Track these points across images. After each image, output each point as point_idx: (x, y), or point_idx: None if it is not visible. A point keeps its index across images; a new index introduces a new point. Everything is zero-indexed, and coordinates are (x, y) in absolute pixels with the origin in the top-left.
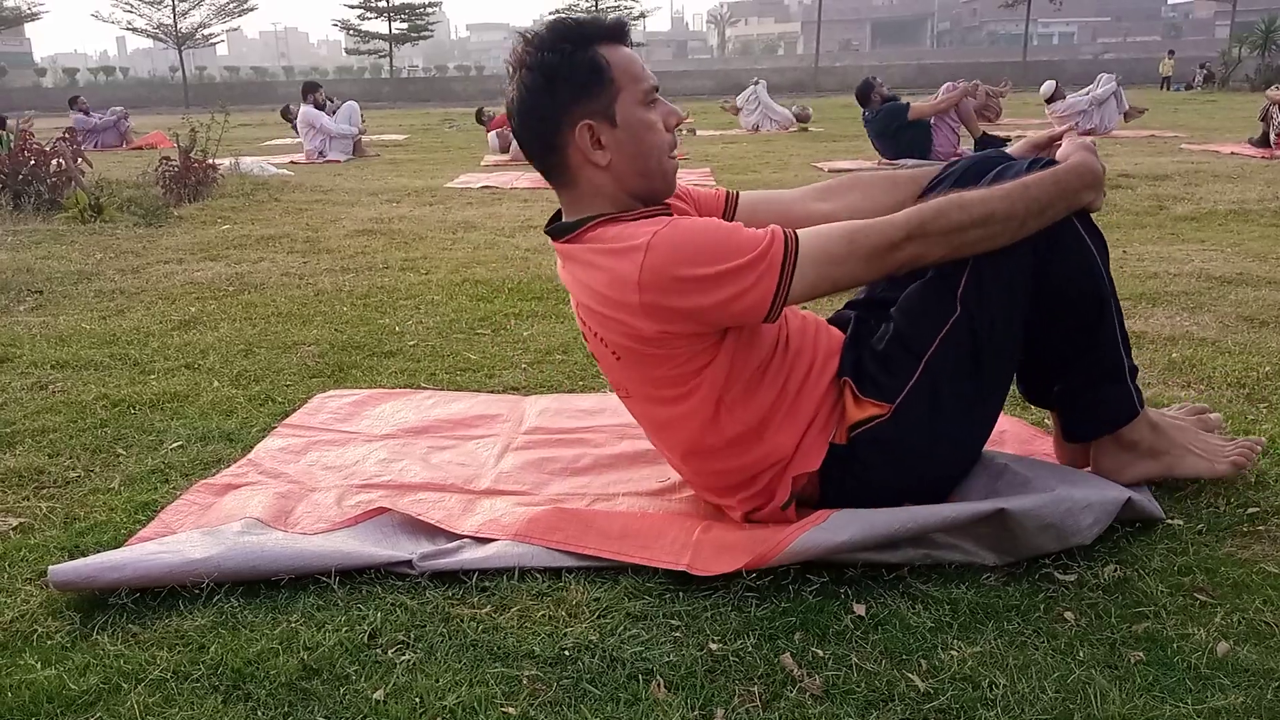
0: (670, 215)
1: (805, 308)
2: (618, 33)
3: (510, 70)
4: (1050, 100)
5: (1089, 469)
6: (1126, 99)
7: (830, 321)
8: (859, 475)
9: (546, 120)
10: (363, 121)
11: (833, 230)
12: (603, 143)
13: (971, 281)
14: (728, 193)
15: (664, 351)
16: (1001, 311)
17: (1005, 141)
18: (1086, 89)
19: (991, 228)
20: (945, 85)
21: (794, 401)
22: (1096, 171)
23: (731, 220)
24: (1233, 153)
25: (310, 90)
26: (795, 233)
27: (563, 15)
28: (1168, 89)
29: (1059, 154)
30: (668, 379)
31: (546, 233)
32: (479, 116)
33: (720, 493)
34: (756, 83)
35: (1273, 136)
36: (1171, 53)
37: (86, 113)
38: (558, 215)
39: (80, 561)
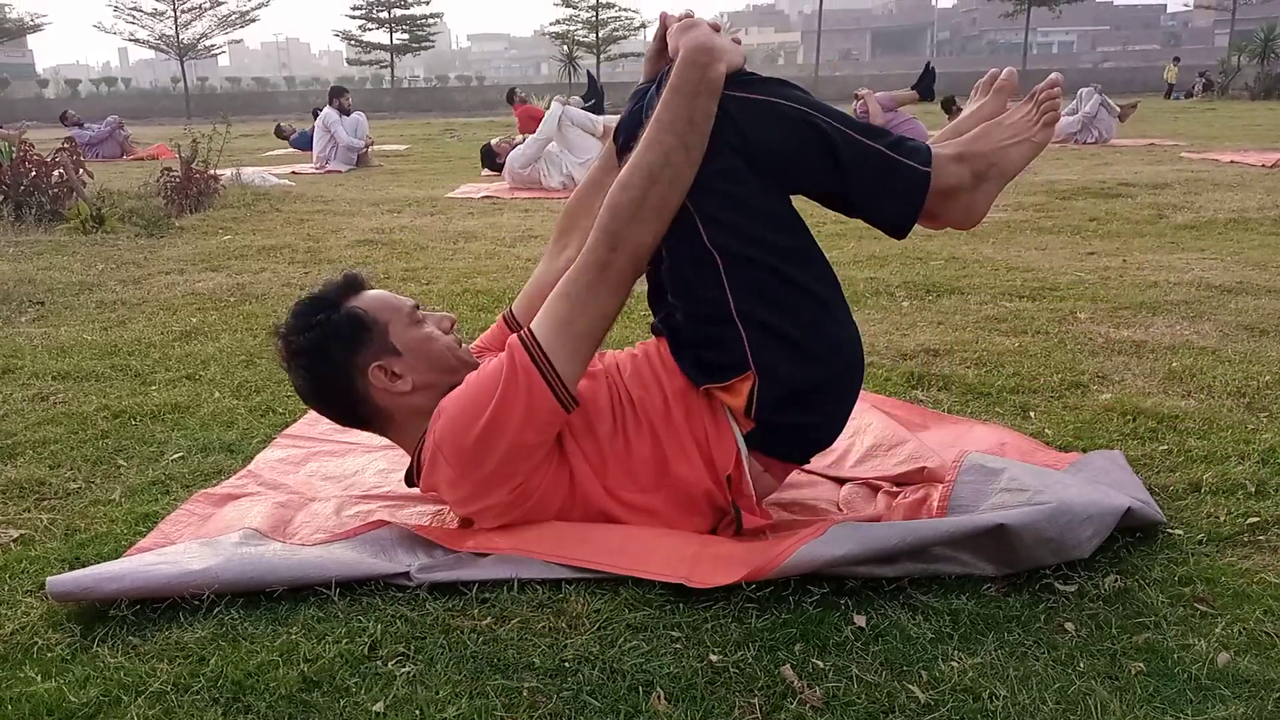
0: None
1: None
2: (354, 284)
3: (284, 366)
4: None
5: None
6: (1114, 102)
7: (657, 327)
8: (794, 434)
9: (339, 384)
10: (369, 133)
11: (552, 300)
12: (397, 372)
13: (703, 222)
14: (503, 316)
15: (525, 495)
16: (747, 218)
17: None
18: (1071, 106)
19: (664, 175)
20: (856, 108)
21: (673, 437)
22: (705, 44)
23: (520, 325)
24: (1232, 161)
25: (337, 95)
26: (528, 329)
27: (301, 297)
28: (1170, 96)
29: (669, 50)
30: (545, 507)
31: (408, 484)
32: (488, 158)
33: (701, 528)
34: None
35: None
36: (1177, 59)
37: (80, 125)
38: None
39: (78, 572)
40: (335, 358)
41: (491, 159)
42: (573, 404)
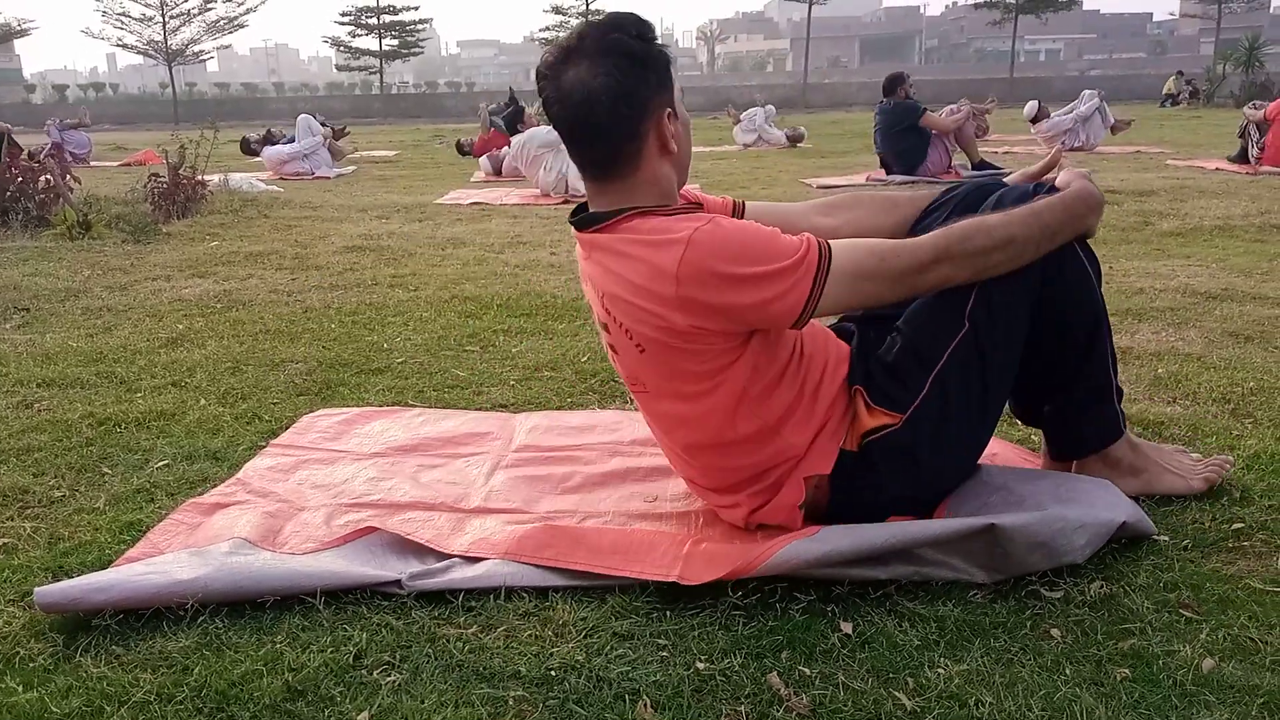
0: (705, 213)
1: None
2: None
3: (570, 55)
4: (1035, 120)
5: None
6: (1111, 113)
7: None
8: (871, 482)
9: (638, 106)
10: (324, 125)
11: (865, 245)
12: (675, 132)
13: (980, 299)
14: (734, 201)
15: (692, 347)
16: (1006, 329)
17: (1000, 170)
18: (1070, 106)
19: (1011, 251)
20: (950, 106)
21: (810, 403)
22: (1098, 198)
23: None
24: (1218, 168)
25: (245, 146)
26: (829, 244)
27: (618, 12)
28: (1170, 105)
29: (1059, 181)
30: (693, 374)
31: (571, 223)
32: (460, 149)
33: (727, 490)
34: (765, 106)
35: (1252, 154)
36: (1180, 73)
37: (74, 128)
38: (581, 209)
39: (66, 583)
40: (648, 81)
41: (462, 150)
42: (803, 325)
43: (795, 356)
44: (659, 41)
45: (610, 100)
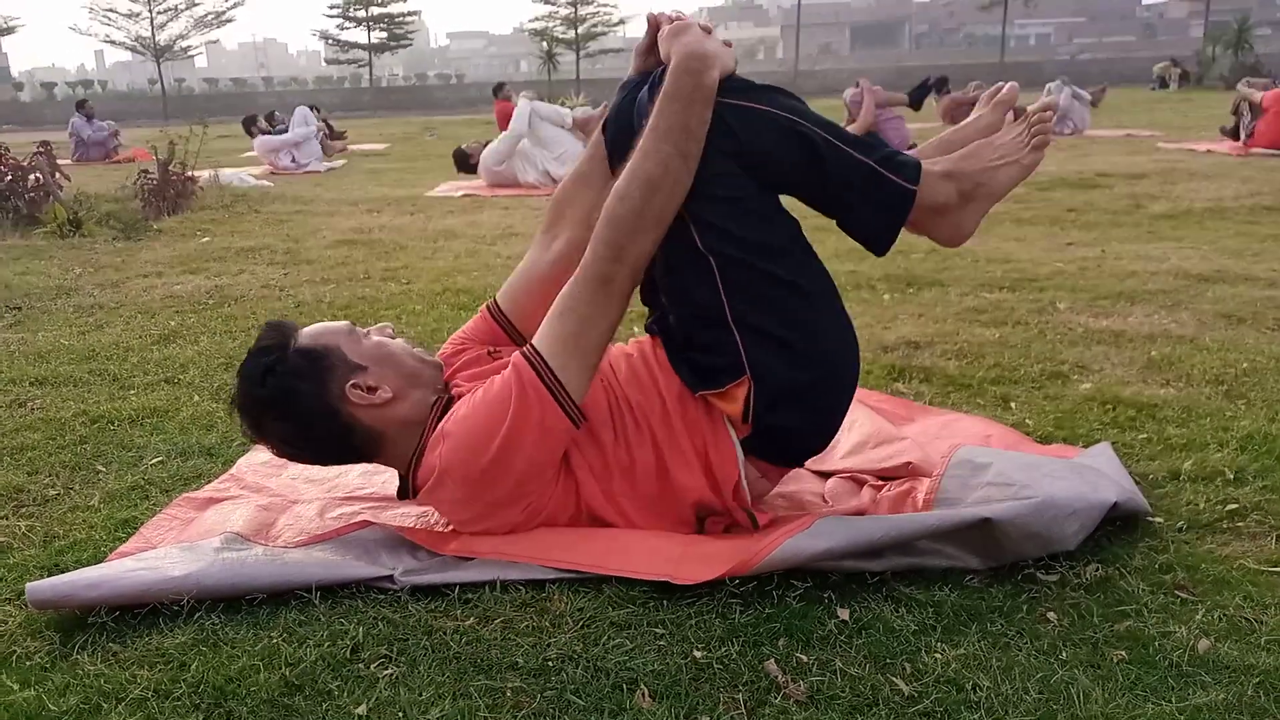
0: (450, 399)
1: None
2: (284, 327)
3: (254, 433)
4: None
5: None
6: (1084, 91)
7: (652, 328)
8: (789, 435)
9: (322, 420)
10: (319, 119)
11: (554, 316)
12: (373, 384)
13: (697, 226)
14: (487, 307)
15: (535, 513)
16: (741, 221)
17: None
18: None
19: (663, 184)
20: (850, 94)
21: (673, 449)
22: (698, 50)
23: (504, 316)
24: (1209, 150)
25: (250, 123)
26: (531, 347)
27: (240, 364)
28: (1158, 89)
29: (662, 55)
30: (560, 519)
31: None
32: (461, 161)
33: (696, 528)
34: None
35: (1243, 132)
36: (1174, 60)
37: (90, 118)
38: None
39: (58, 579)
40: (307, 394)
41: (465, 162)
42: (581, 420)
43: (622, 421)
44: (282, 359)
45: (302, 442)
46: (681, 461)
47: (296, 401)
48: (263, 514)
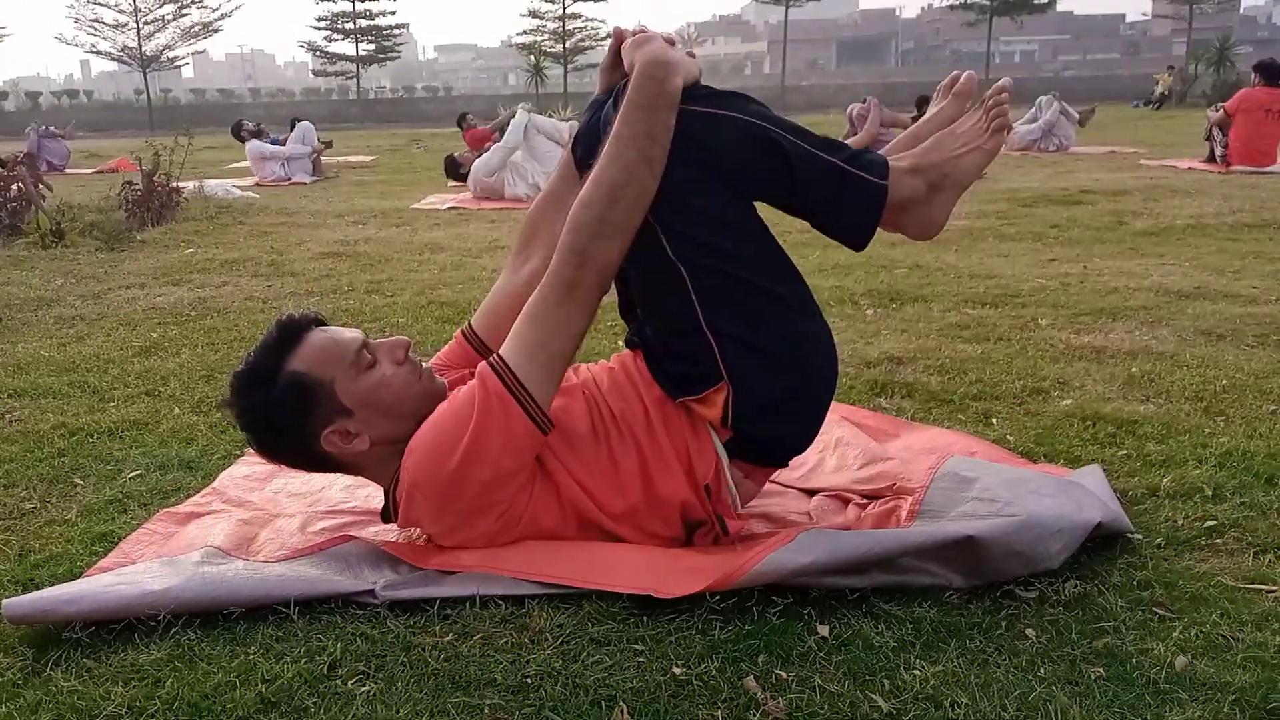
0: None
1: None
2: (293, 334)
3: (234, 421)
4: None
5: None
6: (1072, 109)
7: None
8: (772, 442)
9: (294, 450)
10: (319, 140)
11: (520, 324)
12: (352, 432)
13: (666, 234)
14: (461, 332)
15: (513, 521)
16: (712, 227)
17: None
18: (1030, 114)
19: (626, 191)
20: (856, 109)
21: (655, 454)
22: (661, 58)
23: (479, 340)
24: (1190, 168)
25: (239, 129)
26: (497, 355)
27: (238, 368)
28: (1160, 106)
29: (625, 66)
30: (544, 524)
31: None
32: (452, 169)
33: (673, 535)
34: None
35: (1218, 154)
36: (1171, 67)
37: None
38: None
39: (35, 594)
40: (283, 429)
41: (455, 169)
42: (549, 426)
43: (604, 429)
44: (272, 383)
45: (274, 459)
46: (663, 465)
47: (272, 427)
48: (244, 528)
